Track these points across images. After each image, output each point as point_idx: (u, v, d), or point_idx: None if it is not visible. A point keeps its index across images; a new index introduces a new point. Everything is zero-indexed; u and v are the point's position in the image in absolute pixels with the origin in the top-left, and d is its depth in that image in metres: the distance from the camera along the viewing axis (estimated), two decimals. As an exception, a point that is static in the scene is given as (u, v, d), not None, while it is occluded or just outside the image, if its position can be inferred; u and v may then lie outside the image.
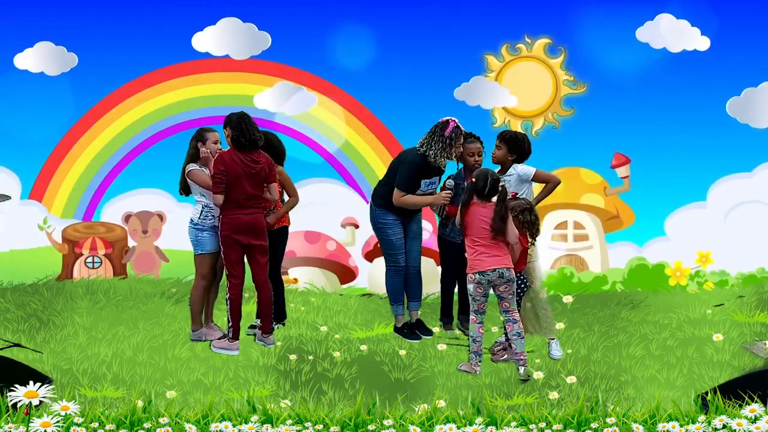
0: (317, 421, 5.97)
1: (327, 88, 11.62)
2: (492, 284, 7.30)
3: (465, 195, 7.47)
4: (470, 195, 7.41)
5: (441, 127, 7.89)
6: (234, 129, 7.66)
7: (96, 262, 10.90)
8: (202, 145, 7.89)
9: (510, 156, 8.05)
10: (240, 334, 7.74)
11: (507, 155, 8.05)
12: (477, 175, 7.44)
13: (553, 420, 5.98)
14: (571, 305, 8.75)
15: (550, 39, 11.56)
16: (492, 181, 7.37)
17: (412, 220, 8.21)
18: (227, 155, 7.67)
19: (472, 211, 7.37)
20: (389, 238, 8.12)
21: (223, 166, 7.61)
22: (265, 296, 7.85)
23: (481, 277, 7.28)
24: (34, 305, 8.90)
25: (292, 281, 10.87)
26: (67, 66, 11.40)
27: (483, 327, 7.36)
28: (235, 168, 7.61)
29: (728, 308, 8.88)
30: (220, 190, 7.62)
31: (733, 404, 6.02)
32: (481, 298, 7.34)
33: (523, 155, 8.09)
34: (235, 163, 7.61)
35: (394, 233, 8.10)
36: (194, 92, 11.66)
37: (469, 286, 7.37)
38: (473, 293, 7.34)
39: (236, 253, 7.70)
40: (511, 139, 8.10)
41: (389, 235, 8.11)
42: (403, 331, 8.18)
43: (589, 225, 11.65)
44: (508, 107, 11.58)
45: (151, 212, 10.99)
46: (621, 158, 11.53)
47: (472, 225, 7.35)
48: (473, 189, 7.39)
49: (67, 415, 5.64)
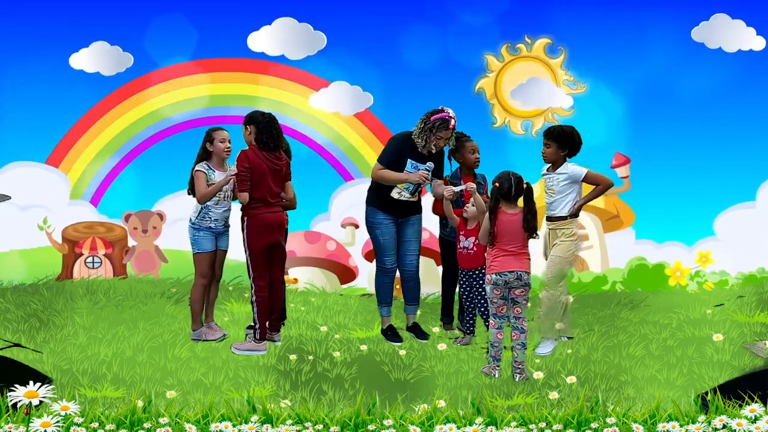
0: (317, 421, 5.97)
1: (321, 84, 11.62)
2: (509, 286, 7.20)
3: (491, 202, 7.22)
4: (497, 200, 7.18)
5: (432, 112, 7.89)
6: (262, 131, 7.63)
7: (96, 262, 10.89)
8: (210, 144, 7.93)
9: (561, 152, 7.82)
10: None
11: (558, 152, 7.81)
12: (499, 178, 7.20)
13: (553, 420, 5.98)
14: (571, 305, 8.74)
15: (550, 39, 11.56)
16: (516, 181, 7.18)
17: (407, 222, 8.11)
18: (251, 153, 7.63)
19: (500, 219, 7.18)
20: (377, 238, 8.10)
21: (248, 164, 7.58)
22: (280, 295, 7.89)
23: (498, 278, 7.17)
24: (34, 305, 8.91)
25: (292, 281, 10.86)
26: (123, 66, 11.34)
27: (502, 332, 7.26)
28: (261, 165, 7.59)
29: (728, 308, 8.88)
30: (245, 188, 7.58)
31: (733, 404, 6.02)
32: (498, 301, 7.22)
33: (574, 148, 7.85)
34: (259, 160, 7.59)
35: (382, 233, 8.05)
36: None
37: (486, 288, 7.28)
38: (490, 295, 7.24)
39: (264, 254, 7.66)
40: (559, 135, 7.83)
41: (377, 235, 8.08)
42: (386, 334, 8.12)
43: (589, 225, 11.64)
44: (509, 107, 11.58)
45: (151, 211, 10.99)
46: (621, 158, 11.52)
47: (503, 233, 7.16)
48: (499, 193, 7.17)
49: (67, 415, 5.63)
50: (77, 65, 11.32)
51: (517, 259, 7.19)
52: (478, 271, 7.93)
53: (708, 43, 11.45)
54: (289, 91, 11.56)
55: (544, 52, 11.56)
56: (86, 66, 11.33)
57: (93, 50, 11.34)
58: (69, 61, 11.29)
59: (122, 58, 11.35)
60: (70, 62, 11.30)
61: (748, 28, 11.48)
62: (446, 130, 7.85)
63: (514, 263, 7.18)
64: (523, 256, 7.22)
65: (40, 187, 11.25)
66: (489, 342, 7.31)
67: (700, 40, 11.44)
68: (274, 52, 11.49)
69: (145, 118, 11.47)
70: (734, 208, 11.54)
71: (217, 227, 7.95)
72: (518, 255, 7.20)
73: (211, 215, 7.91)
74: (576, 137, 7.84)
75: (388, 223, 8.05)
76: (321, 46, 11.48)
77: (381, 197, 8.03)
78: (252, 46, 11.46)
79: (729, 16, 11.43)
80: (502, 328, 7.28)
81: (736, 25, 11.47)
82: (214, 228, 7.94)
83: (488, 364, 7.29)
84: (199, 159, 7.97)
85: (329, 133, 11.60)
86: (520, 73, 11.59)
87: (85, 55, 11.34)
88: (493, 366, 7.24)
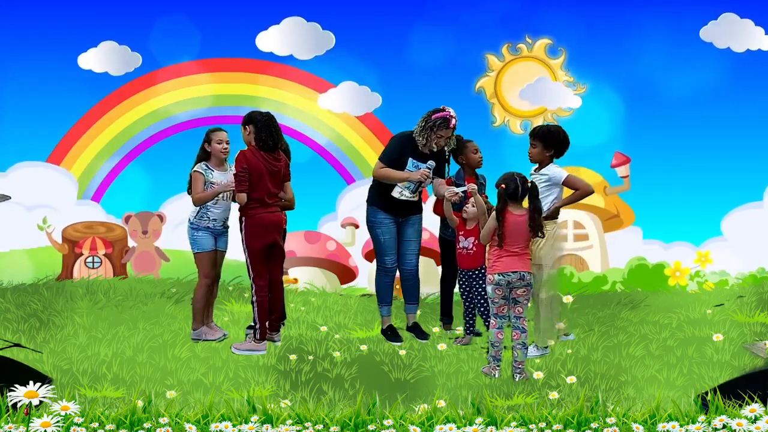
0: (317, 421, 5.97)
1: (323, 85, 11.61)
2: (511, 287, 7.16)
3: (499, 203, 7.18)
4: (504, 202, 7.14)
5: (433, 111, 7.91)
6: (261, 130, 7.64)
7: (96, 262, 10.90)
8: (208, 145, 7.95)
9: (547, 152, 7.69)
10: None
11: (544, 152, 7.69)
12: (504, 179, 7.15)
13: (553, 420, 5.98)
14: (571, 305, 8.74)
15: (551, 40, 11.56)
16: (521, 181, 7.15)
17: (408, 222, 8.13)
18: (249, 153, 7.64)
19: (508, 220, 7.13)
20: (378, 238, 8.11)
21: (246, 164, 7.59)
22: (279, 295, 7.88)
23: (500, 278, 7.14)
24: (34, 305, 8.91)
25: (292, 281, 10.86)
26: (131, 66, 11.30)
27: (503, 332, 7.25)
28: (259, 166, 7.60)
29: (728, 308, 8.88)
30: (243, 188, 7.59)
31: (733, 404, 6.02)
32: (500, 301, 7.20)
33: (560, 148, 7.72)
34: (257, 161, 7.60)
35: (382, 233, 8.07)
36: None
37: (488, 288, 7.25)
38: (492, 295, 7.21)
39: (262, 254, 7.68)
40: (544, 135, 7.69)
41: (377, 235, 8.10)
42: (386, 333, 8.12)
43: (589, 224, 11.64)
44: (508, 106, 11.59)
45: (151, 213, 10.99)
46: (621, 157, 11.52)
47: (510, 234, 7.12)
48: (506, 194, 7.12)
49: (67, 415, 5.63)
50: (86, 65, 11.30)
51: (521, 259, 7.18)
52: (477, 271, 7.93)
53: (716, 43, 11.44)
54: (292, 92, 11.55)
55: (544, 52, 11.57)
56: (95, 66, 11.31)
57: (101, 50, 11.32)
58: (77, 61, 11.28)
59: (131, 57, 11.34)
60: (78, 62, 11.28)
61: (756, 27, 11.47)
62: (447, 129, 7.86)
63: (517, 264, 7.17)
64: (525, 257, 7.22)
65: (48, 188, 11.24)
66: (489, 342, 7.30)
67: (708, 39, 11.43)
68: (283, 52, 11.47)
69: (147, 117, 11.46)
70: (742, 208, 11.53)
71: (215, 227, 7.95)
72: (521, 255, 7.19)
73: (210, 215, 7.93)
74: (561, 136, 7.70)
75: (388, 223, 8.06)
76: (329, 45, 11.46)
77: (382, 196, 8.04)
78: (261, 45, 11.44)
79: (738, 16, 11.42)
80: (503, 328, 7.27)
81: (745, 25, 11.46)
82: (213, 228, 7.95)
83: (488, 364, 7.28)
84: (198, 159, 8.00)
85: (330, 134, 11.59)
86: (521, 73, 11.59)
87: (93, 55, 11.31)
88: (493, 366, 7.24)
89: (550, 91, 11.54)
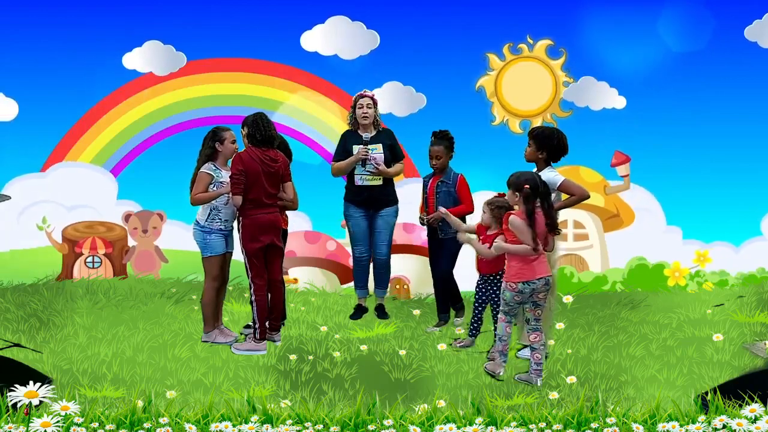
0: (317, 421, 5.97)
1: (327, 88, 11.59)
2: (535, 292, 7.03)
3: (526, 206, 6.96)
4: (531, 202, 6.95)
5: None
6: (249, 126, 7.69)
7: (96, 262, 10.89)
8: (220, 145, 7.84)
9: (539, 153, 7.51)
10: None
11: (536, 153, 7.51)
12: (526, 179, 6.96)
13: (553, 420, 5.98)
14: (571, 305, 8.75)
15: (552, 41, 11.56)
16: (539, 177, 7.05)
17: (378, 215, 8.70)
18: (245, 154, 7.65)
19: (538, 220, 6.98)
20: (349, 230, 8.85)
21: (242, 166, 7.59)
22: (279, 295, 7.88)
23: (525, 287, 7.00)
24: (34, 305, 8.91)
25: (292, 281, 10.86)
26: (176, 66, 11.23)
27: (511, 327, 7.17)
28: (254, 166, 7.61)
29: (728, 308, 8.88)
30: (239, 190, 7.60)
31: (733, 404, 6.02)
32: (516, 306, 7.13)
33: (554, 152, 7.53)
34: (253, 162, 7.61)
35: (352, 225, 8.76)
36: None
37: (507, 294, 7.08)
38: (510, 301, 7.08)
39: (260, 255, 7.70)
40: (538, 135, 7.53)
41: (349, 227, 8.82)
42: (355, 310, 8.92)
43: (589, 224, 11.64)
44: (508, 105, 11.59)
45: (151, 212, 10.99)
46: (621, 156, 11.52)
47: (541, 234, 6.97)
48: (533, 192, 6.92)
49: (67, 415, 5.64)
50: (130, 65, 11.26)
51: (542, 262, 7.05)
52: (495, 276, 7.72)
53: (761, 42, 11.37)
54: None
55: (545, 53, 11.57)
56: (139, 66, 11.27)
57: (146, 50, 11.27)
58: (122, 61, 11.24)
59: (176, 57, 11.29)
60: (123, 62, 11.24)
61: None
62: (361, 99, 8.57)
63: (543, 268, 7.03)
64: (545, 257, 7.09)
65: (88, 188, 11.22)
66: (497, 336, 7.23)
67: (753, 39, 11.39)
68: (328, 52, 11.42)
69: (156, 113, 11.42)
70: None
71: (227, 227, 7.89)
72: (542, 257, 7.04)
73: (221, 215, 7.85)
74: (556, 140, 7.51)
75: (358, 216, 8.70)
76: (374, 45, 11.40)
77: (350, 190, 8.69)
78: (305, 45, 11.37)
79: None
80: (512, 322, 7.21)
81: None
82: (225, 228, 7.87)
83: (493, 360, 7.23)
84: (205, 159, 7.91)
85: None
86: (520, 73, 11.60)
87: (138, 54, 11.25)
88: (499, 362, 7.15)
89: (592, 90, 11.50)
